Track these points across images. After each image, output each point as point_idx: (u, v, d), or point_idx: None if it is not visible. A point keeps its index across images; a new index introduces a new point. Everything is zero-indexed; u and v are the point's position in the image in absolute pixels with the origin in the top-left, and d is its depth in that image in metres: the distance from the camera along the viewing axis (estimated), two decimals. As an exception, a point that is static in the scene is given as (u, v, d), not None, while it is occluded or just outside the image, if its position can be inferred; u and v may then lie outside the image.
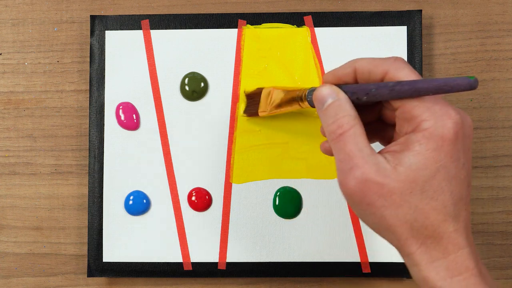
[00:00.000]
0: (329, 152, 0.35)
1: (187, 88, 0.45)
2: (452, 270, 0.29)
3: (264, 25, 0.45)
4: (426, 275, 0.29)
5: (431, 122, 0.29)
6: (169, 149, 0.45)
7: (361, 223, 0.45)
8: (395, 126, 0.31)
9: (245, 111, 0.45)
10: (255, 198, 0.45)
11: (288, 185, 0.45)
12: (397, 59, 0.31)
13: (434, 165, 0.29)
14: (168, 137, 0.45)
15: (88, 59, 0.47)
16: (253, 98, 0.44)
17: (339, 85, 0.32)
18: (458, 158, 0.29)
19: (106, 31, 0.46)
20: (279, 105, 0.41)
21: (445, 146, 0.29)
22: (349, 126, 0.30)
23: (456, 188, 0.29)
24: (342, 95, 0.32)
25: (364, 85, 0.31)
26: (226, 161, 0.45)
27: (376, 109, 0.34)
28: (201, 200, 0.45)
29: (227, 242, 0.45)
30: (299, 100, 0.37)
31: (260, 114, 0.43)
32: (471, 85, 0.27)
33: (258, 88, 0.44)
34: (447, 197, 0.29)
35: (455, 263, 0.29)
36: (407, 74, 0.30)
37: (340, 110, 0.31)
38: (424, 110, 0.29)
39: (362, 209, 0.30)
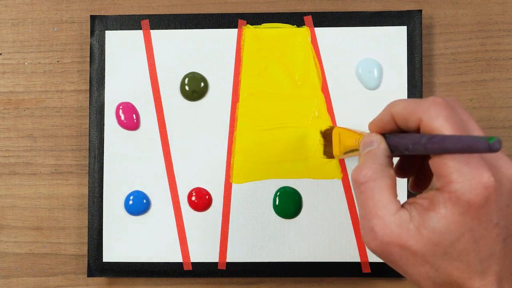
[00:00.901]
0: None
1: (187, 88, 0.45)
2: None
3: (264, 25, 0.45)
4: None
5: (458, 185, 0.27)
6: (169, 149, 0.45)
7: (361, 223, 0.45)
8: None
9: (324, 153, 0.44)
10: (255, 198, 0.45)
11: (288, 185, 0.45)
12: (433, 103, 0.28)
13: (459, 229, 0.27)
14: (168, 137, 0.45)
15: (88, 59, 0.47)
16: (327, 138, 0.43)
17: (385, 134, 0.31)
18: (489, 220, 0.28)
19: (106, 31, 0.46)
20: (347, 150, 0.39)
21: (472, 212, 0.27)
22: (374, 177, 0.29)
23: (484, 247, 0.28)
24: (383, 145, 0.31)
25: (405, 139, 0.30)
26: (226, 161, 0.45)
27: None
28: (201, 200, 0.45)
29: (227, 242, 0.45)
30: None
31: (335, 157, 0.42)
32: (491, 148, 0.25)
33: (330, 127, 0.43)
34: (472, 257, 0.28)
35: None
36: (441, 125, 0.28)
37: (371, 157, 0.30)
38: (453, 171, 0.27)
39: (386, 262, 0.30)
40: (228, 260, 0.45)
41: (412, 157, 0.33)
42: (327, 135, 0.43)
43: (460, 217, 0.27)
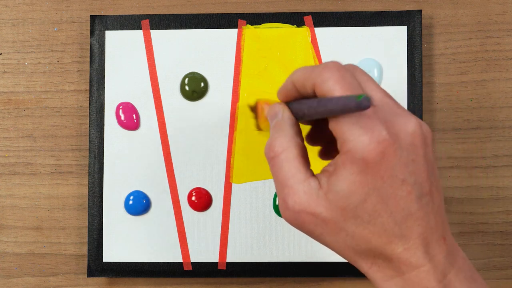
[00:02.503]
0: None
1: (187, 88, 0.45)
2: None
3: (264, 25, 0.45)
4: None
5: (351, 144, 0.27)
6: (169, 149, 0.45)
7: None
8: None
9: (256, 126, 0.44)
10: (255, 198, 0.45)
11: (288, 185, 0.45)
12: (325, 68, 0.28)
13: (362, 189, 0.27)
14: (168, 137, 0.45)
15: (88, 59, 0.47)
16: (254, 111, 0.43)
17: (289, 102, 0.31)
18: (393, 176, 0.27)
19: (106, 31, 0.46)
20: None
21: (370, 169, 0.26)
22: (282, 149, 0.29)
23: (396, 207, 0.27)
24: (286, 114, 0.30)
25: (303, 104, 0.30)
26: (226, 161, 0.45)
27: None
28: (201, 200, 0.45)
29: (227, 242, 0.45)
30: None
31: (263, 129, 0.42)
32: (359, 106, 0.25)
33: (256, 101, 0.43)
34: (386, 219, 0.27)
35: (411, 282, 0.27)
36: (331, 88, 0.27)
37: (277, 130, 0.30)
38: (346, 130, 0.27)
39: (307, 234, 0.29)
40: (228, 260, 0.45)
41: (320, 124, 0.33)
42: (254, 109, 0.43)
43: (360, 177, 0.27)
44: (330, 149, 0.34)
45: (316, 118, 0.29)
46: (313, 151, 0.34)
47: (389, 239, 0.27)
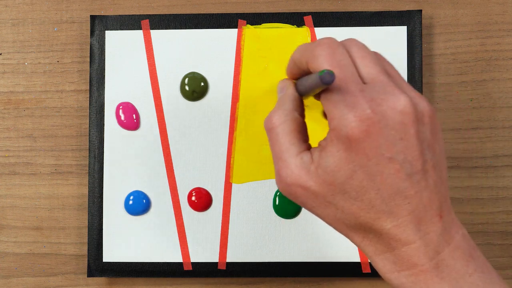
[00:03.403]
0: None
1: (187, 88, 0.45)
2: (399, 264, 0.28)
3: (264, 25, 0.45)
4: (375, 265, 0.29)
5: (336, 121, 0.27)
6: (169, 149, 0.45)
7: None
8: None
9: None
10: (255, 198, 0.45)
11: (288, 185, 0.45)
12: (318, 44, 0.29)
13: (347, 166, 0.27)
14: (168, 137, 0.45)
15: (88, 59, 0.47)
16: None
17: (297, 78, 0.32)
18: (379, 154, 0.27)
19: (106, 31, 0.46)
20: None
21: (354, 146, 0.27)
22: (279, 122, 0.30)
23: (383, 184, 0.27)
24: (290, 90, 0.31)
25: (301, 80, 0.30)
26: (226, 161, 0.45)
27: None
28: (201, 200, 0.45)
29: (227, 242, 0.45)
30: None
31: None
32: (322, 81, 0.26)
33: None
34: (373, 196, 0.27)
35: (401, 258, 0.28)
36: (321, 64, 0.28)
37: (279, 104, 0.31)
38: (332, 108, 0.27)
39: (300, 205, 0.30)
40: (228, 260, 0.45)
41: None
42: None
43: (346, 154, 0.27)
44: None
45: (309, 95, 0.30)
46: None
47: (377, 215, 0.27)
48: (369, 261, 0.45)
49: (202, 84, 0.45)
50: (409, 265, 0.28)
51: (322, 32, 0.45)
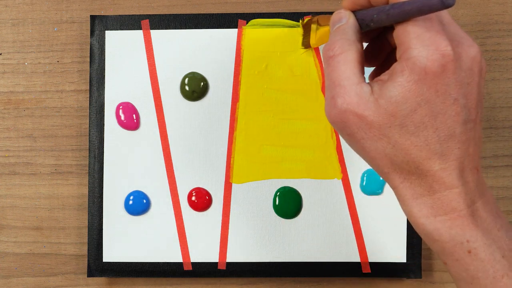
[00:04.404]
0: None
1: (187, 88, 0.45)
2: (436, 209, 0.28)
3: (264, 20, 0.45)
4: (410, 210, 0.29)
5: (416, 51, 0.27)
6: (169, 149, 0.45)
7: (361, 223, 0.45)
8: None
9: (302, 43, 0.44)
10: (255, 198, 0.45)
11: (288, 185, 0.45)
12: None
13: (415, 98, 0.27)
14: (168, 137, 0.45)
15: (88, 59, 0.47)
16: (306, 28, 0.43)
17: (355, 11, 0.31)
18: (447, 93, 0.27)
19: (106, 31, 0.46)
20: (323, 34, 0.40)
21: (428, 79, 0.27)
22: (341, 51, 0.29)
23: (443, 124, 0.27)
24: (352, 20, 0.31)
25: (371, 10, 0.30)
26: (226, 161, 0.45)
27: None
28: (201, 200, 0.45)
29: (227, 242, 0.45)
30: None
31: (311, 46, 0.43)
32: (443, 3, 0.26)
33: (311, 17, 0.42)
34: (430, 134, 0.27)
35: (440, 202, 0.28)
36: None
37: (340, 33, 0.30)
38: (413, 37, 0.27)
39: (345, 138, 0.30)
40: (228, 260, 0.45)
41: (380, 40, 0.33)
42: (307, 26, 0.43)
43: (416, 85, 0.27)
44: (383, 70, 0.34)
45: (384, 24, 0.29)
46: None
47: (428, 155, 0.28)
48: (369, 261, 0.45)
49: (202, 84, 0.45)
50: (448, 210, 0.28)
51: (322, 32, 0.45)
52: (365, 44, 0.33)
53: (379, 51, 0.33)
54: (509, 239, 0.29)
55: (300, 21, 0.44)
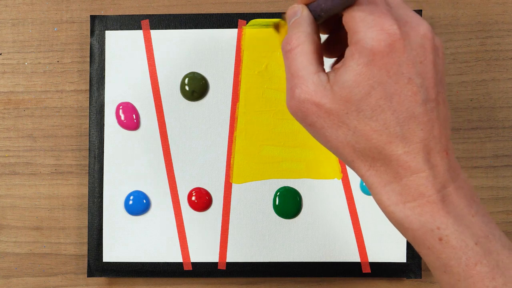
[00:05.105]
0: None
1: (187, 88, 0.45)
2: (405, 195, 0.27)
3: (264, 20, 0.45)
4: (379, 198, 0.28)
5: (362, 34, 0.27)
6: (169, 149, 0.45)
7: (361, 223, 0.45)
8: None
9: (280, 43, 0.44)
10: (255, 198, 0.45)
11: (288, 185, 0.45)
12: None
13: (366, 81, 0.27)
14: (168, 137, 0.45)
15: (88, 59, 0.47)
16: (277, 28, 0.43)
17: (309, 4, 0.32)
18: (399, 72, 0.27)
19: (106, 31, 0.46)
20: None
21: (377, 60, 0.27)
22: (298, 43, 0.29)
23: (400, 106, 0.27)
24: (305, 13, 0.31)
25: (321, 1, 0.30)
26: (226, 161, 0.45)
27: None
28: (201, 200, 0.45)
29: (227, 242, 0.45)
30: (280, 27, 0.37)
31: None
32: None
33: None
34: (388, 116, 0.27)
35: (408, 188, 0.27)
36: None
37: (296, 27, 0.30)
38: (358, 21, 0.27)
39: (307, 129, 0.29)
40: (228, 260, 0.45)
41: (338, 32, 0.33)
42: (277, 27, 0.42)
43: (366, 68, 0.27)
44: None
45: (333, 12, 0.29)
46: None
47: (389, 139, 0.27)
48: (369, 261, 0.45)
49: (202, 84, 0.45)
50: (416, 195, 0.27)
51: (322, 32, 0.45)
52: (325, 36, 0.33)
53: (338, 42, 0.33)
54: (485, 225, 0.28)
55: (272, 23, 0.44)
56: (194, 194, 0.45)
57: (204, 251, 0.45)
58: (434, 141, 0.27)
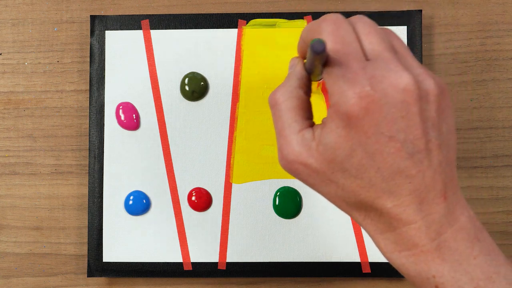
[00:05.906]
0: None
1: (187, 88, 0.45)
2: (400, 244, 0.27)
3: (264, 20, 0.45)
4: (377, 244, 0.29)
5: (336, 97, 0.27)
6: (169, 149, 0.45)
7: (361, 223, 0.45)
8: None
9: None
10: (255, 198, 0.45)
11: (288, 185, 0.45)
12: (324, 20, 0.28)
13: (347, 143, 0.27)
14: (168, 137, 0.45)
15: (88, 59, 0.47)
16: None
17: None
18: (378, 132, 0.26)
19: (106, 31, 0.46)
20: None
21: (353, 124, 0.26)
22: (283, 99, 0.29)
23: (383, 163, 0.26)
24: (298, 68, 0.31)
25: (308, 58, 0.30)
26: (226, 161, 0.45)
27: None
28: (201, 200, 0.45)
29: (227, 242, 0.45)
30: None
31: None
32: (313, 50, 0.25)
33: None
34: (373, 174, 0.27)
35: (402, 238, 0.27)
36: (325, 40, 0.27)
37: (286, 80, 0.30)
38: (332, 84, 0.27)
39: (303, 183, 0.30)
40: (228, 260, 0.45)
41: None
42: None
43: (345, 131, 0.27)
44: None
45: (314, 70, 0.29)
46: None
47: (377, 194, 0.27)
48: (369, 261, 0.45)
49: (202, 84, 0.45)
50: (410, 246, 0.27)
51: (322, 32, 0.45)
52: None
53: None
54: (488, 264, 0.27)
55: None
56: (194, 194, 0.45)
57: (204, 251, 0.45)
58: (427, 189, 0.27)
